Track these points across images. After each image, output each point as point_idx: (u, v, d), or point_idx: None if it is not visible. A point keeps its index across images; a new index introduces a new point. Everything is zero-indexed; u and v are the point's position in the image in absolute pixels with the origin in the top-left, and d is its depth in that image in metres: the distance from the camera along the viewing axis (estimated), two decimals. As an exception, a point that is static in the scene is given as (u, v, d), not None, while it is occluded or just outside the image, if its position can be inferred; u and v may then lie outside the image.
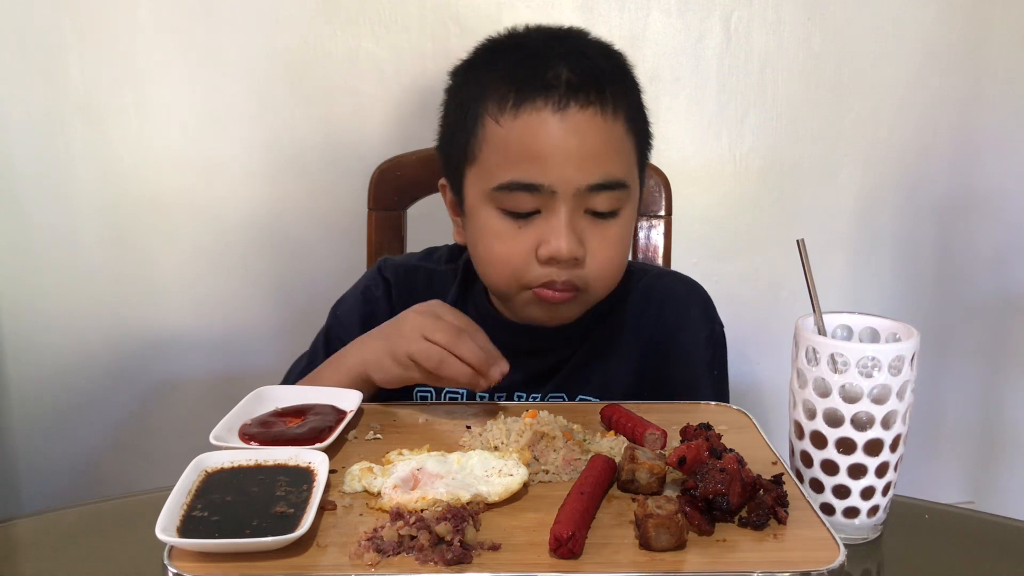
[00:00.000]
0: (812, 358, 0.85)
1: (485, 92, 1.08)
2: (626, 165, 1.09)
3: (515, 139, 1.05)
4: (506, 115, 1.05)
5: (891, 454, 0.85)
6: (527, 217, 1.06)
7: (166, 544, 0.71)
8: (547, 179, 1.04)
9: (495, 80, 1.07)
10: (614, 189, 1.06)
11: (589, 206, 1.06)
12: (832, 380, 0.83)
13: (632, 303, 1.22)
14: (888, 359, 0.82)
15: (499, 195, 1.06)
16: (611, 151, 1.07)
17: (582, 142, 1.04)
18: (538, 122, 1.04)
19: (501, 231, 1.08)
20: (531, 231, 1.06)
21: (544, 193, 1.04)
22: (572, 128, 1.04)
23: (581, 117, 1.04)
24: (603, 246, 1.08)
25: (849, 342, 0.90)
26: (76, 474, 1.81)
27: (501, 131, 1.06)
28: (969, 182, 1.83)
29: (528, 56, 1.08)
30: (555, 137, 1.04)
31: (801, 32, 1.73)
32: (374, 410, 1.01)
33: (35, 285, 1.73)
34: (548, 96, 1.04)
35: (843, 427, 0.84)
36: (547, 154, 1.04)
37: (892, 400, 0.83)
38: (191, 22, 1.64)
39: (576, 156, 1.04)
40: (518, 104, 1.05)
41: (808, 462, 0.87)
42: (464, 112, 1.10)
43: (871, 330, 0.91)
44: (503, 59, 1.10)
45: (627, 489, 0.81)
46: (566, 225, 1.04)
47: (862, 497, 0.85)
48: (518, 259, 1.07)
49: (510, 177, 1.05)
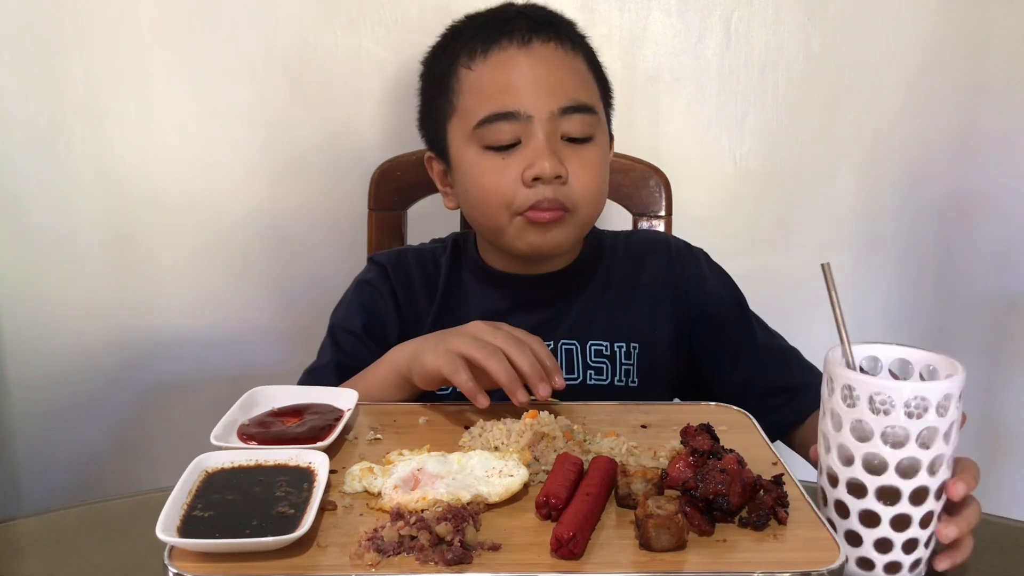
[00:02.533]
0: (849, 398, 0.76)
1: (455, 53, 1.19)
2: (591, 94, 1.19)
3: (488, 78, 1.15)
4: (476, 60, 1.16)
5: (936, 503, 0.77)
6: (509, 149, 1.14)
7: (166, 544, 0.71)
8: (521, 105, 1.13)
9: (464, 41, 1.19)
10: (584, 112, 1.15)
11: (564, 131, 1.14)
12: (873, 423, 0.75)
13: (623, 252, 1.29)
14: (936, 399, 0.74)
15: (481, 132, 1.14)
16: (576, 79, 1.17)
17: (548, 70, 1.15)
18: (506, 58, 1.15)
19: (487, 166, 1.15)
20: (515, 160, 1.14)
21: (521, 120, 1.13)
22: (537, 59, 1.15)
23: (544, 50, 1.15)
24: (583, 169, 1.15)
25: (894, 380, 0.81)
26: (76, 474, 1.81)
27: (474, 75, 1.16)
28: (969, 182, 1.82)
29: (489, 18, 1.20)
30: (523, 67, 1.14)
31: (801, 32, 1.72)
32: (374, 410, 1.01)
33: (35, 285, 1.73)
34: (511, 37, 1.15)
35: (886, 475, 0.75)
36: (518, 84, 1.14)
37: (939, 443, 0.75)
38: (191, 22, 1.64)
39: (545, 82, 1.14)
40: (486, 49, 1.16)
41: (844, 513, 0.78)
42: (439, 78, 1.21)
43: (901, 362, 0.83)
44: (466, 27, 1.22)
45: (627, 504, 0.79)
46: (546, 147, 1.12)
47: (904, 551, 0.77)
48: (506, 186, 1.14)
49: (488, 110, 1.14)
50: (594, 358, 1.22)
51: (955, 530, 0.79)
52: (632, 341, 1.22)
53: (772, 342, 1.25)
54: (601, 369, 1.22)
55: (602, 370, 1.22)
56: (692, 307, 1.26)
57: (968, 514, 0.82)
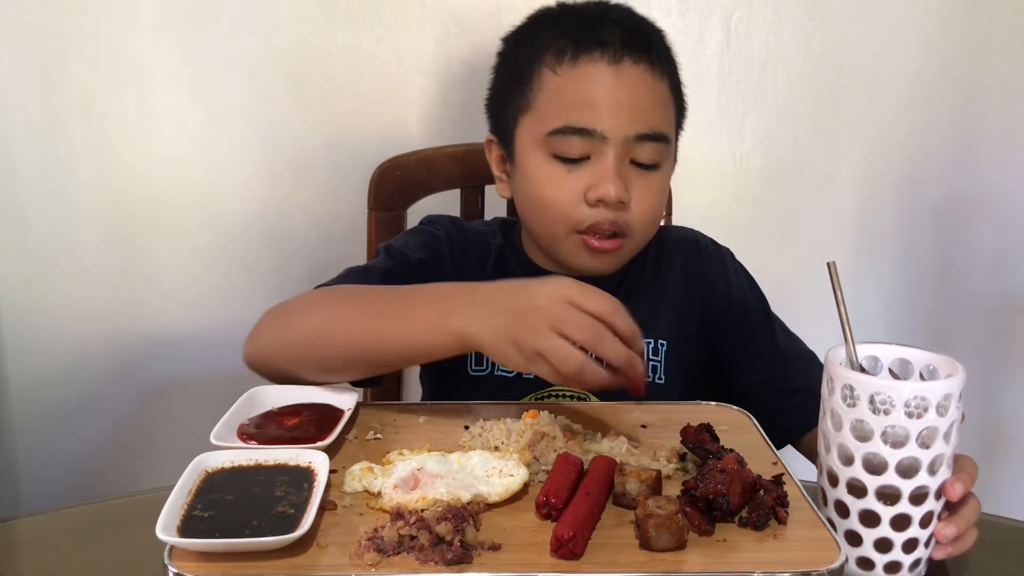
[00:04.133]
0: (849, 397, 0.77)
1: (542, 47, 1.15)
2: (669, 122, 1.17)
3: (572, 87, 1.12)
4: (564, 65, 1.13)
5: (936, 502, 0.78)
6: (577, 162, 1.12)
7: (166, 544, 0.71)
8: (599, 124, 1.10)
9: (552, 37, 1.15)
10: (658, 141, 1.13)
11: (634, 156, 1.12)
12: (874, 423, 0.75)
13: (655, 249, 1.28)
14: (936, 398, 0.74)
15: (552, 140, 1.12)
16: (658, 106, 1.15)
17: (633, 93, 1.12)
18: (595, 72, 1.11)
19: (551, 175, 1.13)
20: (580, 175, 1.12)
21: (595, 138, 1.10)
22: (625, 80, 1.11)
23: (634, 71, 1.12)
24: (646, 195, 1.14)
25: (894, 380, 0.81)
26: (76, 474, 1.81)
27: (558, 80, 1.13)
28: (969, 182, 1.82)
29: (583, 17, 1.17)
30: (609, 86, 1.11)
31: (801, 32, 1.72)
32: (374, 410, 1.01)
33: (35, 285, 1.73)
34: (604, 50, 1.11)
35: (886, 474, 0.76)
36: (601, 101, 1.11)
37: (939, 443, 0.75)
38: (191, 22, 1.64)
39: (627, 106, 1.11)
40: (576, 56, 1.12)
41: (844, 512, 0.79)
42: (520, 68, 1.17)
43: (901, 361, 0.83)
44: (558, 22, 1.18)
45: (622, 504, 0.80)
46: (615, 170, 1.10)
47: (904, 551, 0.78)
48: (567, 201, 1.12)
49: (564, 121, 1.11)
50: None
51: (954, 530, 0.79)
52: (660, 338, 1.22)
53: (792, 345, 1.25)
54: None
55: None
56: (717, 305, 1.26)
57: (967, 512, 0.82)
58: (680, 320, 1.24)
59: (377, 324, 1.00)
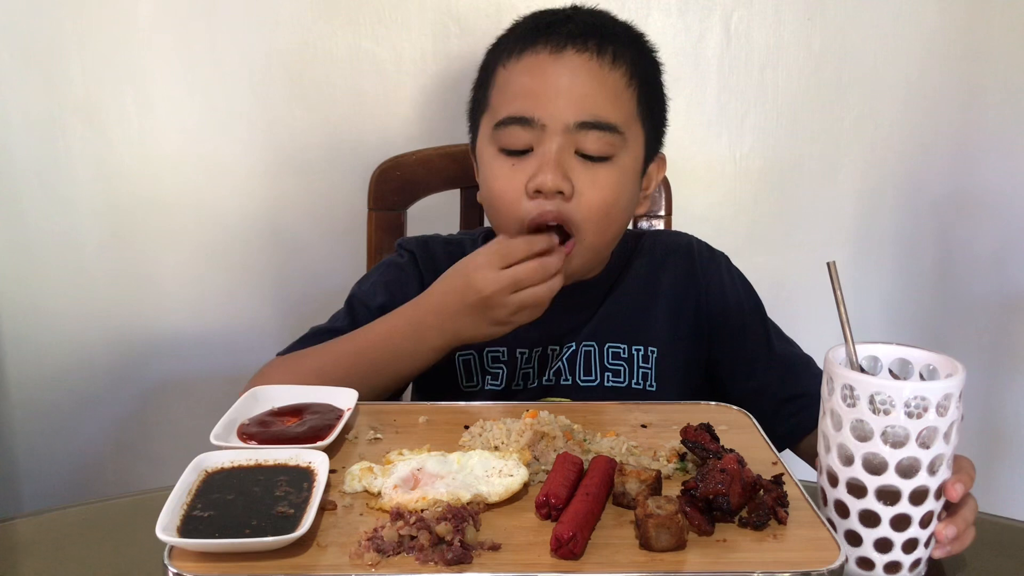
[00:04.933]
0: (849, 397, 0.77)
1: (500, 49, 1.17)
2: (620, 111, 1.12)
3: (515, 79, 1.13)
4: (511, 60, 1.14)
5: (936, 502, 0.78)
6: (521, 155, 1.12)
7: (166, 544, 0.71)
8: (537, 112, 1.09)
9: (509, 38, 1.17)
10: (604, 131, 1.10)
11: (579, 146, 1.10)
12: (874, 423, 0.75)
13: (647, 255, 1.28)
14: (936, 398, 0.74)
15: (498, 133, 1.13)
16: (603, 94, 1.11)
17: (573, 81, 1.10)
18: (536, 63, 1.12)
19: (499, 170, 1.13)
20: (524, 167, 1.11)
21: (535, 127, 1.10)
22: (565, 68, 1.11)
23: (576, 59, 1.11)
24: (592, 187, 1.11)
25: (894, 380, 0.81)
26: (76, 474, 1.81)
27: (505, 73, 1.14)
28: (969, 182, 1.82)
29: (542, 16, 1.18)
30: (548, 74, 1.11)
31: (801, 32, 1.72)
32: (374, 410, 1.01)
33: (35, 285, 1.73)
34: (548, 41, 1.12)
35: (886, 474, 0.76)
36: (539, 90, 1.10)
37: (939, 443, 0.75)
38: (191, 22, 1.64)
39: (566, 93, 1.10)
40: (522, 50, 1.13)
41: (844, 512, 0.79)
42: (483, 72, 1.20)
43: (901, 361, 0.83)
44: (520, 25, 1.19)
45: (622, 504, 0.80)
46: (553, 158, 1.09)
47: (904, 550, 0.78)
48: (511, 194, 1.11)
49: (506, 112, 1.12)
50: (612, 360, 1.21)
51: (954, 530, 0.80)
52: (651, 345, 1.21)
53: (788, 350, 1.24)
54: (619, 371, 1.21)
55: (620, 372, 1.21)
56: (711, 311, 1.25)
57: (966, 512, 0.82)
58: (672, 326, 1.23)
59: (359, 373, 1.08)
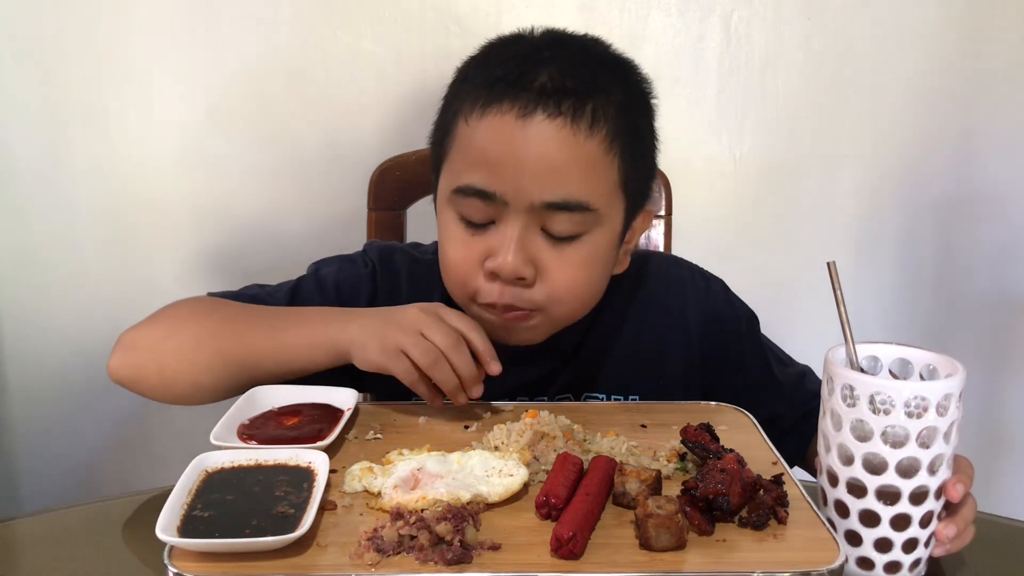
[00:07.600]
0: (849, 397, 0.76)
1: (464, 89, 1.02)
2: (596, 187, 0.99)
3: (476, 142, 0.98)
4: (474, 115, 0.99)
5: (936, 502, 0.77)
6: (482, 227, 1.00)
7: (166, 544, 0.71)
8: (499, 188, 0.96)
9: (476, 77, 1.01)
10: (574, 211, 0.97)
11: (546, 226, 0.98)
12: (873, 423, 0.75)
13: (629, 291, 1.16)
14: (936, 398, 0.74)
15: (456, 199, 1.00)
16: (576, 169, 0.97)
17: (542, 155, 0.96)
18: (499, 126, 0.96)
19: (455, 236, 1.02)
20: (482, 241, 1.00)
21: (497, 203, 0.97)
22: (533, 137, 0.95)
23: (546, 127, 0.95)
24: (561, 268, 0.99)
25: (894, 380, 0.81)
26: (76, 474, 1.81)
27: (467, 131, 0.99)
28: (969, 182, 1.82)
29: (514, 56, 1.01)
30: (513, 143, 0.96)
31: (801, 32, 1.73)
32: (374, 410, 1.01)
33: (35, 286, 1.73)
34: (515, 100, 0.96)
35: (886, 474, 0.75)
36: (502, 162, 0.96)
37: (939, 443, 0.75)
38: (191, 22, 1.64)
39: (532, 169, 0.96)
40: (486, 105, 0.98)
41: (844, 512, 0.78)
42: (445, 108, 1.06)
43: (901, 361, 0.82)
44: (494, 57, 1.04)
45: (622, 504, 0.79)
46: (515, 240, 0.97)
47: (904, 550, 0.77)
48: (465, 268, 1.01)
49: (466, 181, 0.99)
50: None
51: (954, 529, 0.79)
52: (632, 393, 1.12)
53: (789, 373, 1.19)
54: None
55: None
56: (706, 342, 1.16)
57: (966, 512, 0.82)
58: (659, 366, 1.15)
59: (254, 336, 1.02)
